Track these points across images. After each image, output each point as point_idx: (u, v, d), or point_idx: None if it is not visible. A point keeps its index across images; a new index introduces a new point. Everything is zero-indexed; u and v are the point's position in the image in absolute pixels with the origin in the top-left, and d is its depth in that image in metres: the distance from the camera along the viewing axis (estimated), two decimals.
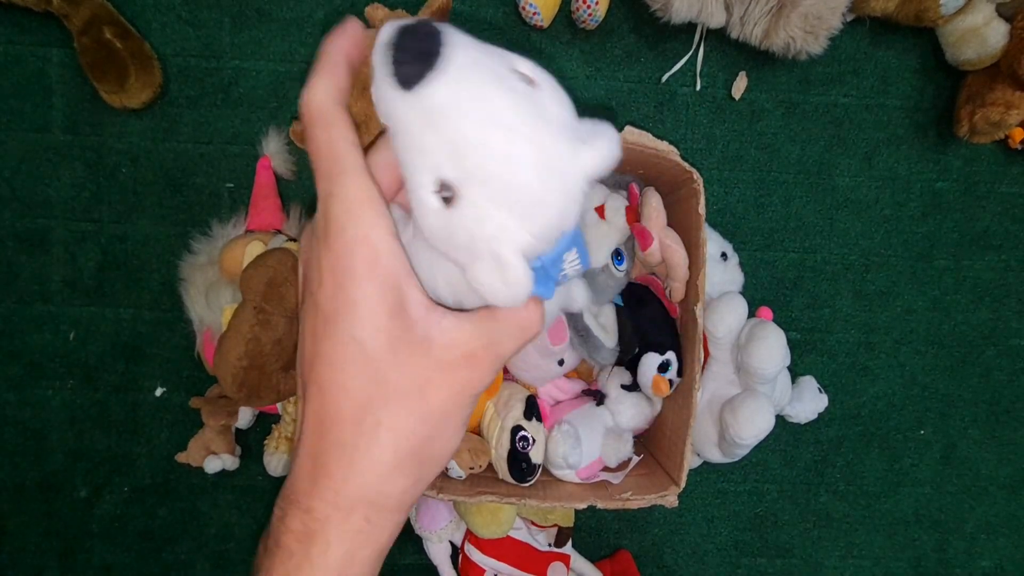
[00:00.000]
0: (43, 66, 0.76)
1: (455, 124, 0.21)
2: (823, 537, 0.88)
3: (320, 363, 0.25)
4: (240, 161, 0.78)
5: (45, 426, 0.81)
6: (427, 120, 0.21)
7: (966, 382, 0.87)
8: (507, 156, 0.21)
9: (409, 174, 0.23)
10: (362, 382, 0.25)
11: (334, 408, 0.25)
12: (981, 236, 0.85)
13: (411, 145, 0.22)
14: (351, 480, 0.25)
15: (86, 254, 0.79)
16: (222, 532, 0.83)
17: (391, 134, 0.24)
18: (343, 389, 0.25)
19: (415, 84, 0.20)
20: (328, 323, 0.25)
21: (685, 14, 0.71)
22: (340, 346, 0.25)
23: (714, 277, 0.73)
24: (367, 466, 0.25)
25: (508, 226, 0.22)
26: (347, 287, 0.24)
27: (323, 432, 0.25)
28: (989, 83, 0.77)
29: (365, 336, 0.24)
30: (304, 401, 0.27)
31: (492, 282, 0.23)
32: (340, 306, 0.24)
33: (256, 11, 0.77)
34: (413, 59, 0.20)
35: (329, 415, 0.25)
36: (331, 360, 0.25)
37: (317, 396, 0.26)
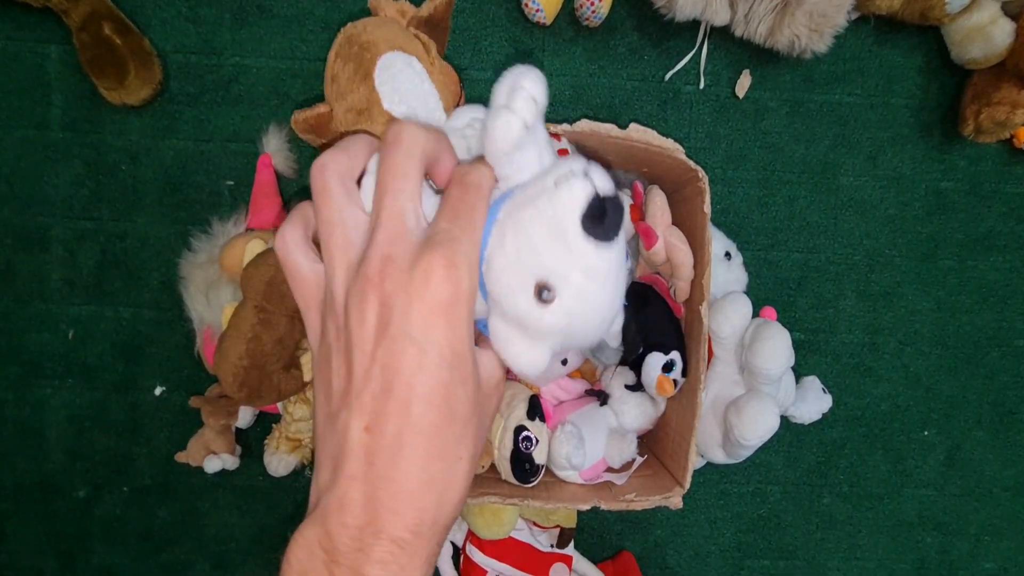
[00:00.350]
0: (42, 63, 0.76)
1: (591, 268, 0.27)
2: (826, 539, 0.87)
3: (414, 398, 0.26)
4: (240, 159, 0.78)
5: (44, 426, 0.80)
6: (584, 266, 0.27)
7: (970, 383, 0.87)
8: (594, 305, 0.28)
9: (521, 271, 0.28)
10: (452, 422, 0.27)
11: (423, 445, 0.26)
12: (986, 236, 0.85)
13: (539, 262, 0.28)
14: (444, 507, 0.27)
15: (85, 252, 0.78)
16: (222, 532, 0.83)
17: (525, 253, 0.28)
18: (435, 428, 0.26)
19: (605, 241, 0.26)
20: (424, 358, 0.26)
21: (689, 12, 0.71)
22: (437, 386, 0.26)
23: (718, 277, 0.72)
24: (452, 497, 0.27)
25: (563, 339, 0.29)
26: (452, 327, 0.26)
27: (405, 465, 0.26)
28: (995, 82, 0.77)
29: (460, 378, 0.27)
30: (370, 422, 0.27)
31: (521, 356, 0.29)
32: (442, 345, 0.26)
33: (257, 7, 0.76)
34: (611, 227, 0.26)
35: (416, 450, 0.26)
36: (426, 398, 0.26)
37: (401, 428, 0.26)
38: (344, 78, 0.41)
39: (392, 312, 0.26)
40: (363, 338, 0.26)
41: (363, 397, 0.26)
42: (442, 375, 0.26)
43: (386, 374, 0.26)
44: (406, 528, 0.26)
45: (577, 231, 0.26)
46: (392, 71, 0.41)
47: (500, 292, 0.29)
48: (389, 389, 0.26)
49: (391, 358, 0.26)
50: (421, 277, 0.26)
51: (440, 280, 0.26)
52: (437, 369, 0.26)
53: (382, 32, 0.41)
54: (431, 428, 0.26)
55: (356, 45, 0.41)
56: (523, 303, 0.28)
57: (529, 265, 0.27)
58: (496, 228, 0.29)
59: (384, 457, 0.26)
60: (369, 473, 0.26)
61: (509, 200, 0.29)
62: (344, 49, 0.41)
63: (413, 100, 0.42)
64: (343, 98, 0.41)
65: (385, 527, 0.26)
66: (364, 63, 0.41)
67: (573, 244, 0.26)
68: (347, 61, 0.41)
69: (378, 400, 0.26)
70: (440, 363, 0.26)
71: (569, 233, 0.26)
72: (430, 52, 0.43)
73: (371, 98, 0.41)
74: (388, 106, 0.41)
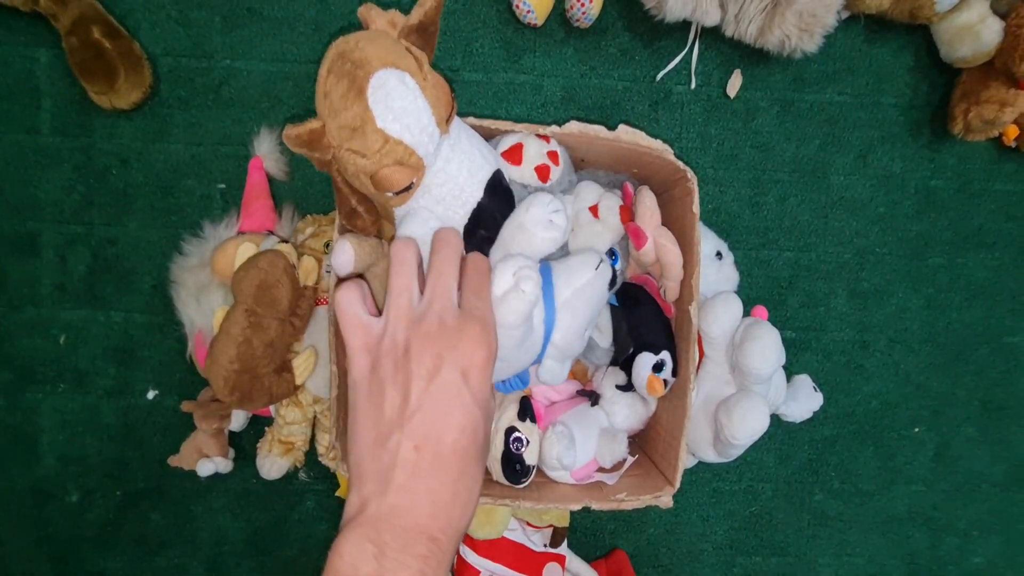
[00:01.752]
0: (31, 67, 0.75)
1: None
2: (818, 535, 0.88)
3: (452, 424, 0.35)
4: (231, 162, 0.78)
5: (36, 431, 0.80)
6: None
7: (960, 380, 0.87)
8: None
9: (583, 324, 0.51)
10: (474, 447, 0.35)
11: (455, 463, 0.34)
12: (975, 234, 0.86)
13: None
14: (463, 518, 0.35)
15: (76, 257, 0.78)
16: (216, 536, 0.83)
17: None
18: (464, 451, 0.35)
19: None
20: (462, 397, 0.35)
21: (679, 12, 0.71)
22: (469, 418, 0.35)
23: (709, 276, 0.73)
24: (470, 508, 0.35)
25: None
26: (483, 377, 0.37)
27: (442, 478, 0.34)
28: (984, 81, 0.77)
29: (483, 414, 0.36)
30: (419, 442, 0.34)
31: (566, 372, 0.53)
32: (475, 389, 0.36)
33: (247, 10, 0.76)
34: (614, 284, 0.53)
35: (450, 467, 0.34)
36: (461, 426, 0.35)
37: (440, 448, 0.34)
38: (337, 95, 0.41)
39: (444, 361, 0.35)
40: (420, 376, 0.35)
41: (414, 422, 0.34)
42: (475, 412, 0.35)
43: (434, 405, 0.35)
44: (440, 531, 0.33)
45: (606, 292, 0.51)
46: (385, 89, 0.41)
47: (567, 340, 0.48)
48: (435, 416, 0.34)
49: (439, 393, 0.35)
50: (468, 339, 0.36)
51: (479, 343, 0.36)
52: (472, 407, 0.35)
53: (375, 48, 0.41)
54: (463, 452, 0.35)
55: (349, 62, 0.40)
56: (579, 342, 0.50)
57: (589, 316, 0.49)
58: (560, 304, 0.47)
59: (426, 472, 0.34)
60: (415, 485, 0.33)
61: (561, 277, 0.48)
62: (337, 66, 0.41)
63: (407, 117, 0.42)
64: (336, 115, 0.41)
65: (427, 528, 0.33)
66: (357, 80, 0.40)
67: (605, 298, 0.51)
68: (340, 78, 0.41)
69: (427, 426, 0.34)
70: (474, 403, 0.35)
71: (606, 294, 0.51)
72: (422, 67, 0.43)
73: (365, 116, 0.41)
74: (382, 124, 0.41)
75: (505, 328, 0.41)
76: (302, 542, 0.83)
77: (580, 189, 0.64)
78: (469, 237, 0.50)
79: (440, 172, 0.46)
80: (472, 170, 0.48)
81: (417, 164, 0.43)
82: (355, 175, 0.44)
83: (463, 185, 0.48)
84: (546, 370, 0.50)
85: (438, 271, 0.39)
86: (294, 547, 0.83)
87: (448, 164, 0.46)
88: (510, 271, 0.41)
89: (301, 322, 0.66)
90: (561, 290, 0.47)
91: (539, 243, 0.46)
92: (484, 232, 0.51)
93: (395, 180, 0.43)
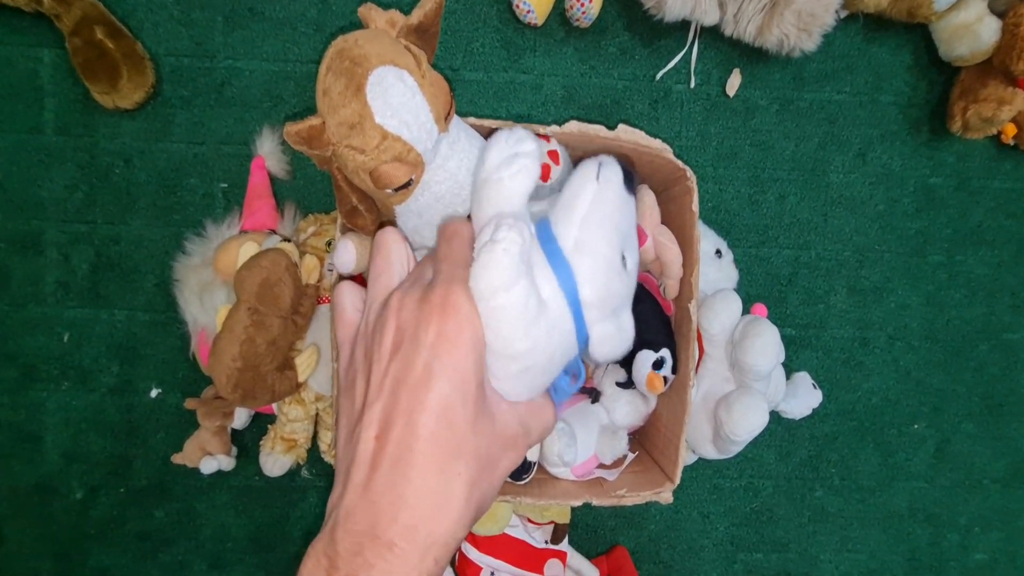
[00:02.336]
0: (34, 67, 0.76)
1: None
2: (818, 531, 0.88)
3: (416, 406, 0.29)
4: (234, 161, 0.78)
5: (40, 428, 0.81)
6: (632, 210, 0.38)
7: (960, 377, 0.88)
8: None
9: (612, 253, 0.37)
10: (451, 436, 0.29)
11: (422, 453, 0.28)
12: (974, 231, 0.86)
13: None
14: (438, 522, 0.28)
15: (80, 256, 0.79)
16: (219, 533, 0.83)
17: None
18: (434, 438, 0.28)
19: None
20: (430, 373, 0.29)
21: (679, 12, 0.71)
22: (438, 398, 0.29)
23: (708, 274, 0.73)
24: (448, 512, 0.28)
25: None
26: (454, 350, 0.29)
27: (405, 471, 0.28)
28: (982, 79, 0.77)
29: (460, 396, 0.29)
30: (379, 431, 0.29)
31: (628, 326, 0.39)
32: (444, 363, 0.29)
33: (249, 10, 0.77)
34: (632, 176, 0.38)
35: (416, 458, 0.28)
36: (427, 407, 0.28)
37: (404, 435, 0.28)
38: (336, 92, 0.41)
39: (404, 333, 0.30)
40: (381, 356, 0.30)
41: (375, 408, 0.29)
42: (443, 387, 0.29)
43: (395, 385, 0.29)
44: (400, 534, 0.27)
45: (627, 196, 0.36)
46: (383, 86, 0.41)
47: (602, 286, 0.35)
48: (397, 398, 0.29)
49: (401, 371, 0.29)
50: (433, 307, 0.30)
51: (450, 308, 0.30)
52: (439, 382, 0.29)
53: (373, 46, 0.41)
54: (430, 436, 0.28)
55: (348, 59, 0.41)
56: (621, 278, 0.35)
57: (615, 243, 0.35)
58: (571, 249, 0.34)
59: (387, 463, 0.28)
60: (372, 479, 0.28)
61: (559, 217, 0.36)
62: (336, 63, 0.41)
63: (404, 114, 0.42)
64: (335, 112, 0.41)
65: (382, 532, 0.27)
66: (356, 77, 0.41)
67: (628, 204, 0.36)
68: (339, 75, 0.41)
69: (387, 409, 0.29)
70: (442, 377, 0.29)
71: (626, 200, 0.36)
72: (421, 65, 0.43)
73: (363, 112, 0.41)
74: (380, 120, 0.41)
75: (487, 299, 0.30)
76: (304, 539, 0.84)
77: None
78: None
79: (439, 169, 0.47)
80: (471, 168, 0.49)
81: (416, 160, 0.44)
82: (354, 172, 0.44)
83: (463, 183, 0.48)
84: (601, 340, 0.35)
85: (424, 257, 0.35)
86: (297, 544, 0.84)
87: (447, 162, 0.47)
88: (486, 235, 0.31)
89: (303, 320, 0.67)
90: (565, 232, 0.34)
91: (513, 188, 0.34)
92: None
93: (394, 176, 0.44)
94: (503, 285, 0.30)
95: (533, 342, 0.32)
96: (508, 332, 0.31)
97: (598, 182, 0.35)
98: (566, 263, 0.34)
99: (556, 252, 0.34)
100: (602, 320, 0.35)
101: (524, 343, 0.31)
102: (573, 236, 0.34)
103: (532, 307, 0.31)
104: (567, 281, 0.34)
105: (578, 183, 0.36)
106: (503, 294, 0.30)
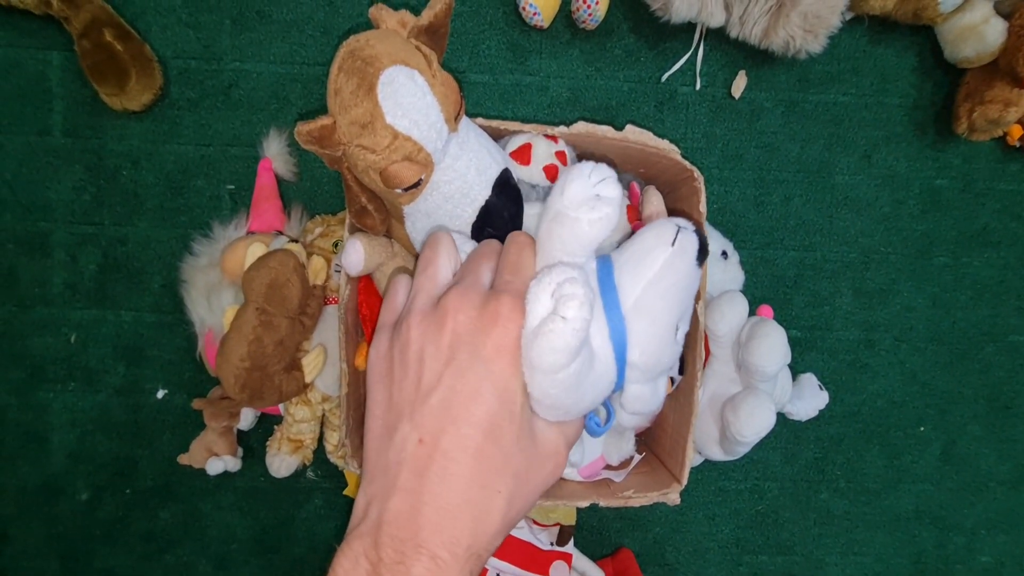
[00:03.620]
0: (43, 69, 0.76)
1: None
2: (824, 534, 0.88)
3: (467, 419, 0.29)
4: (241, 163, 0.78)
5: (46, 429, 0.81)
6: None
7: (966, 379, 0.87)
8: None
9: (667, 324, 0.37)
10: (496, 452, 0.29)
11: (469, 467, 0.29)
12: (980, 233, 0.86)
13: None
14: (477, 535, 0.29)
15: (87, 257, 0.79)
16: (224, 534, 0.83)
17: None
18: (481, 453, 0.29)
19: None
20: (482, 387, 0.29)
21: (685, 14, 0.72)
22: (488, 414, 0.29)
23: (715, 275, 0.73)
24: (488, 526, 0.29)
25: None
26: (507, 367, 0.30)
27: (452, 483, 0.28)
28: (988, 80, 0.77)
29: (508, 413, 0.30)
30: (426, 436, 0.29)
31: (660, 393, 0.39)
32: (497, 379, 0.30)
33: (256, 13, 0.77)
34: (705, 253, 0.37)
35: (463, 471, 0.29)
36: (477, 421, 0.29)
37: (453, 447, 0.29)
38: (347, 92, 0.41)
39: (460, 340, 0.30)
40: (435, 358, 0.30)
41: (423, 411, 0.30)
42: (492, 404, 0.29)
43: (448, 393, 0.29)
44: (444, 546, 0.28)
45: (697, 269, 0.35)
46: (395, 86, 0.41)
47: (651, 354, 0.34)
48: (448, 406, 0.29)
49: (454, 380, 0.30)
50: (492, 319, 0.30)
51: (507, 322, 0.30)
52: (490, 397, 0.29)
53: (384, 46, 0.41)
54: (476, 451, 0.29)
55: (359, 59, 0.41)
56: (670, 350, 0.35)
57: (675, 314, 0.35)
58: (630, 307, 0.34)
59: (435, 473, 0.29)
60: (419, 487, 0.28)
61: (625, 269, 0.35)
62: (347, 63, 0.42)
63: (415, 114, 0.42)
64: (346, 112, 0.42)
65: (426, 542, 0.28)
66: (367, 77, 0.41)
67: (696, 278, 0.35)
68: (350, 75, 0.41)
69: (436, 416, 0.29)
70: (494, 393, 0.30)
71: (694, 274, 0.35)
72: (431, 65, 0.43)
73: (374, 112, 0.41)
74: (391, 120, 0.41)
75: (547, 372, 0.30)
76: (310, 540, 0.84)
77: None
78: (477, 235, 0.51)
79: (449, 169, 0.47)
80: (480, 168, 0.49)
81: (426, 160, 0.44)
82: (365, 171, 0.44)
83: (472, 183, 0.48)
84: (633, 397, 0.36)
85: (474, 255, 0.35)
86: (302, 545, 0.84)
87: (456, 162, 0.47)
88: (547, 291, 0.30)
89: (311, 321, 0.67)
90: (628, 288, 0.34)
91: (587, 230, 0.33)
92: (492, 230, 0.51)
93: (404, 176, 0.44)
94: (565, 363, 0.30)
95: (578, 393, 0.32)
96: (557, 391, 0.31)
97: (672, 248, 0.35)
98: (622, 320, 0.34)
99: (615, 305, 0.34)
100: (641, 382, 0.36)
101: (569, 396, 0.32)
102: (635, 296, 0.34)
103: (584, 369, 0.32)
104: (619, 338, 0.34)
105: (652, 242, 0.35)
106: (563, 371, 0.30)
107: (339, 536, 0.31)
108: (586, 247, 0.34)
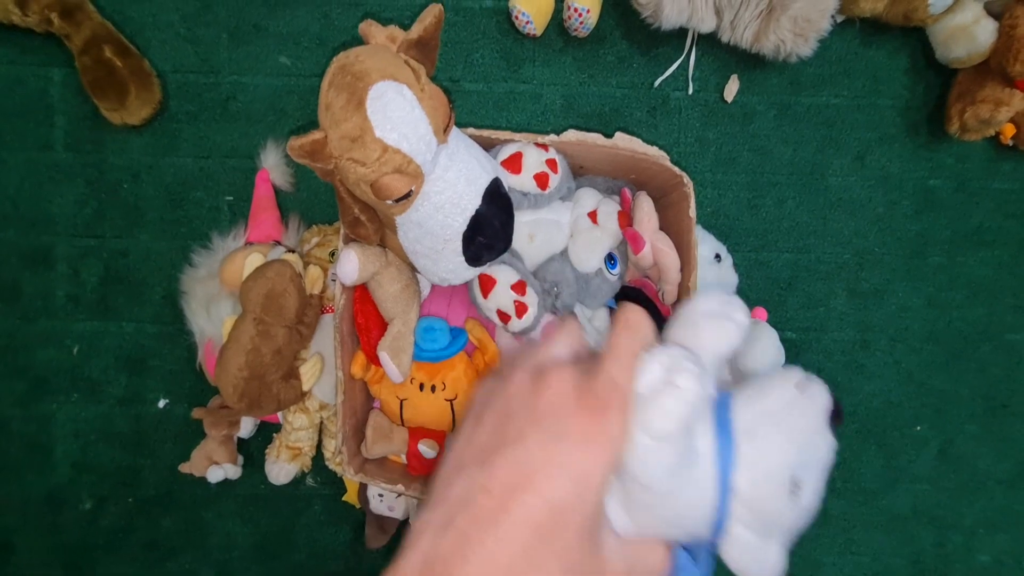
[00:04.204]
0: (45, 86, 0.78)
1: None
2: (821, 535, 0.88)
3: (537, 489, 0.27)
4: (239, 174, 0.79)
5: (50, 440, 0.82)
6: (825, 456, 0.32)
7: (962, 378, 0.87)
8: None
9: (779, 473, 0.31)
10: (554, 535, 0.27)
11: (526, 541, 0.27)
12: (974, 232, 0.86)
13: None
14: None
15: (89, 269, 0.80)
16: (225, 541, 0.84)
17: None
18: (540, 530, 0.27)
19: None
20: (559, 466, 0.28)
21: (675, 20, 0.72)
22: (559, 495, 0.28)
23: (708, 278, 0.73)
24: None
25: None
26: (590, 458, 0.28)
27: (506, 549, 0.27)
28: (979, 80, 0.78)
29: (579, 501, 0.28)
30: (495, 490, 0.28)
31: (770, 560, 0.33)
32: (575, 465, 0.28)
33: (253, 26, 0.78)
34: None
35: (517, 537, 0.27)
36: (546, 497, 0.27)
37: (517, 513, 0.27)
38: (338, 107, 0.42)
39: (553, 409, 0.29)
40: (525, 414, 0.29)
41: (496, 463, 0.28)
42: (566, 486, 0.28)
43: (524, 456, 0.28)
44: None
45: (826, 427, 0.31)
46: (383, 100, 0.42)
47: (760, 489, 0.31)
48: (522, 470, 0.28)
49: (535, 446, 0.28)
50: (593, 402, 0.29)
51: (603, 411, 0.29)
52: (565, 480, 0.28)
53: (374, 61, 0.43)
54: (535, 528, 0.27)
55: (349, 74, 0.42)
56: (785, 501, 0.30)
57: (791, 458, 0.31)
58: (742, 430, 0.31)
59: (488, 524, 0.27)
60: (474, 534, 0.27)
61: (741, 396, 0.32)
62: (337, 78, 0.43)
63: (404, 127, 0.43)
64: (337, 126, 0.43)
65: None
66: (357, 92, 0.42)
67: (823, 438, 0.31)
68: (340, 90, 0.42)
69: (508, 475, 0.28)
70: (569, 476, 0.28)
71: (822, 431, 0.31)
72: (420, 79, 0.44)
73: (364, 126, 0.42)
74: (380, 134, 0.42)
75: (653, 435, 0.29)
76: (310, 546, 0.84)
77: (579, 196, 0.65)
78: (468, 244, 0.52)
79: (439, 180, 0.47)
80: (471, 178, 0.50)
81: (415, 172, 0.45)
82: (356, 184, 0.45)
83: (462, 193, 0.49)
84: (735, 541, 0.32)
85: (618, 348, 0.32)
86: (302, 551, 0.84)
87: (447, 172, 0.48)
88: (658, 361, 0.30)
89: (308, 330, 0.68)
90: (741, 412, 0.32)
91: (706, 338, 0.33)
92: (483, 239, 0.52)
93: (394, 188, 0.45)
94: (673, 430, 0.29)
95: (671, 487, 0.30)
96: (650, 470, 0.30)
97: (797, 390, 0.33)
98: (731, 436, 0.32)
99: (726, 423, 0.32)
100: (746, 526, 0.32)
101: (663, 484, 0.30)
102: (748, 420, 0.32)
103: (685, 462, 0.30)
104: (725, 452, 0.31)
105: (778, 381, 0.33)
106: (669, 443, 0.29)
107: (339, 541, 0.32)
108: (705, 357, 0.33)
